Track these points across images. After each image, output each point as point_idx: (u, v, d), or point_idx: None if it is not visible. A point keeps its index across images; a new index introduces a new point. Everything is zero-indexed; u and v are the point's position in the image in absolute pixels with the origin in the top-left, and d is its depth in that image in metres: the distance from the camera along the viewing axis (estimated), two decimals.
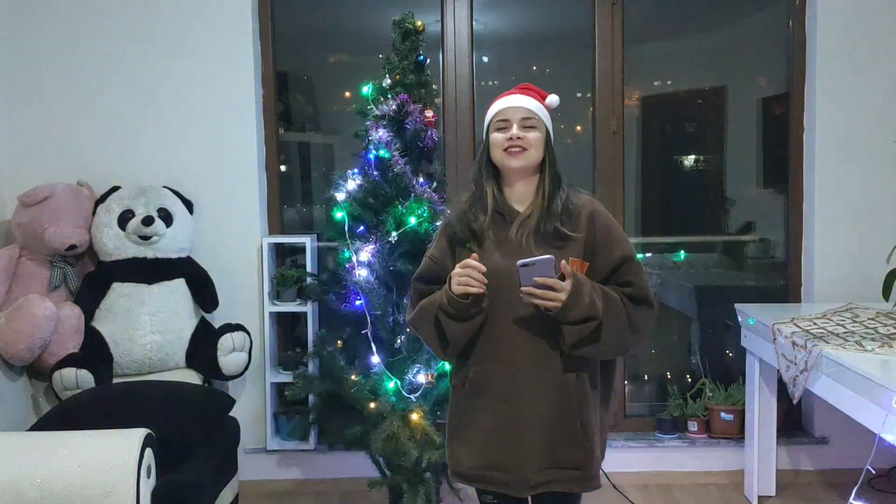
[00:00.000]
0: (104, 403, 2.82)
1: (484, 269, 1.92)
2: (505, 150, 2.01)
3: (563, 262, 1.91)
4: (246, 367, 3.45)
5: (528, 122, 2.02)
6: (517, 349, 1.99)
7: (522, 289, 1.88)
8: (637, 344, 2.03)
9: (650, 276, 4.55)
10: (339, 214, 3.14)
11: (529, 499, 2.13)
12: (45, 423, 2.77)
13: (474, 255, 1.97)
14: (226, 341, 3.35)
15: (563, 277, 1.90)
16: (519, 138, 2.00)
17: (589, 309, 1.90)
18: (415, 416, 2.98)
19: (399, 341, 3.04)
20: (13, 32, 3.59)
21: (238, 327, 3.42)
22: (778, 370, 3.08)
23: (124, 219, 3.37)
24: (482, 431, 2.03)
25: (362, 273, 3.07)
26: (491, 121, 2.07)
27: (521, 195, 2.07)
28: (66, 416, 2.76)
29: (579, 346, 1.94)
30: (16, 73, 3.60)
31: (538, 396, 1.98)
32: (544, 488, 2.02)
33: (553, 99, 2.10)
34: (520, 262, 1.87)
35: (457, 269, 1.94)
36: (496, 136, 2.04)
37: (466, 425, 2.06)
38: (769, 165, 4.33)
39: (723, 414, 3.79)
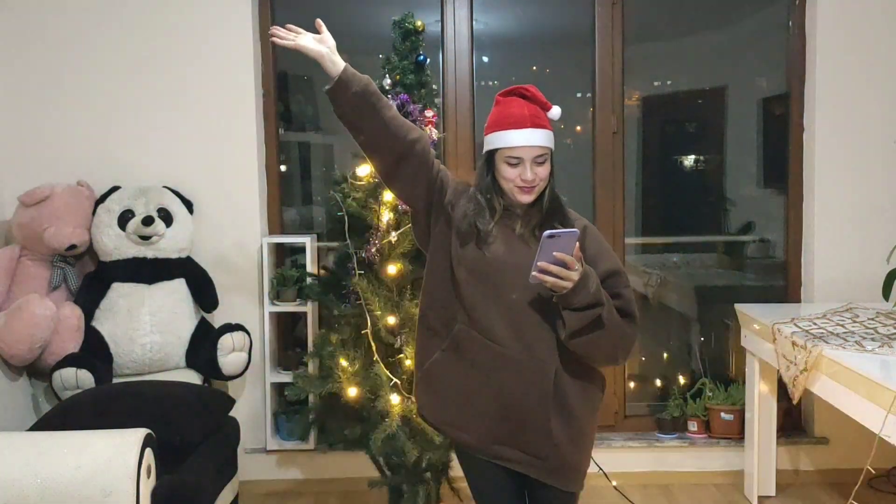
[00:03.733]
0: (104, 403, 2.82)
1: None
2: (518, 187, 2.02)
3: (578, 243, 1.91)
4: (246, 367, 3.45)
5: (540, 158, 2.02)
6: (507, 332, 2.00)
7: (538, 264, 1.87)
8: (623, 356, 2.06)
9: (650, 275, 4.55)
10: (339, 214, 3.15)
11: (527, 497, 2.17)
12: (45, 423, 2.77)
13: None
14: (226, 341, 3.35)
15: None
16: (532, 178, 2.00)
17: (595, 296, 1.92)
18: (415, 416, 2.98)
19: (399, 341, 3.04)
20: (13, 33, 3.59)
21: (238, 327, 3.42)
22: (778, 370, 3.08)
23: (124, 219, 3.37)
24: (449, 388, 2.08)
25: (362, 273, 3.07)
26: (499, 149, 2.03)
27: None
28: (66, 416, 2.76)
29: (578, 336, 1.95)
30: (16, 73, 3.60)
31: (513, 378, 2.01)
32: (505, 464, 2.07)
33: (556, 112, 2.09)
34: (548, 231, 1.86)
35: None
36: (507, 171, 2.02)
37: (436, 376, 2.10)
38: (769, 165, 4.32)
39: (723, 414, 3.79)
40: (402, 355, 3.05)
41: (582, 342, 1.96)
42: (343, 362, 3.10)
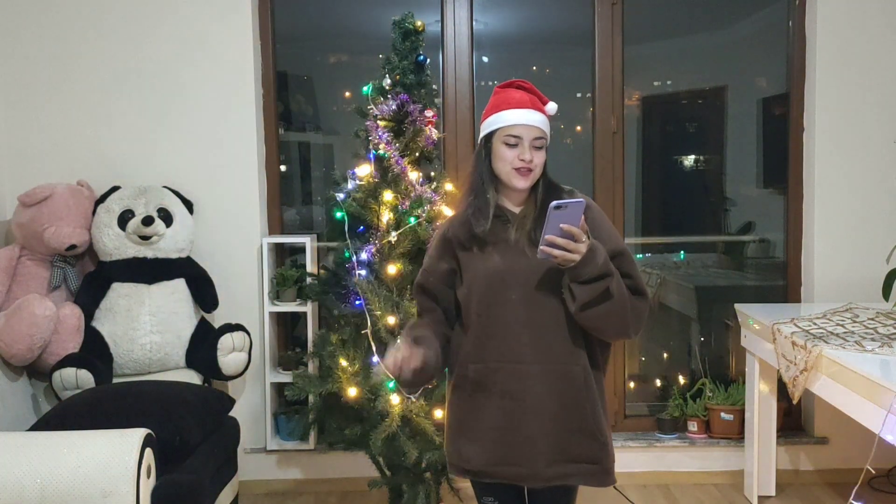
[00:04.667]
0: (104, 403, 2.82)
1: (411, 364, 1.96)
2: (515, 169, 2.00)
3: (583, 217, 1.90)
4: (246, 367, 3.45)
5: (538, 141, 2.01)
6: (520, 345, 1.99)
7: (546, 237, 1.86)
8: (635, 330, 2.02)
9: (650, 275, 4.55)
10: (339, 214, 3.15)
11: (526, 497, 2.14)
12: (45, 423, 2.76)
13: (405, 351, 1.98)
14: (226, 341, 3.35)
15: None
16: (531, 161, 1.99)
17: (603, 267, 1.90)
18: (415, 416, 2.98)
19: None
20: (13, 32, 3.59)
21: (238, 327, 3.42)
22: (778, 370, 3.08)
23: (124, 219, 3.37)
24: (489, 428, 2.02)
25: (362, 273, 3.07)
26: (497, 130, 2.02)
27: (517, 198, 2.07)
28: (66, 416, 2.76)
29: (588, 308, 1.92)
30: (16, 73, 3.60)
31: (544, 390, 1.99)
32: (559, 481, 2.03)
33: (552, 106, 2.08)
34: (555, 202, 1.84)
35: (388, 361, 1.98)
36: (504, 152, 2.00)
37: (472, 423, 2.05)
38: (769, 165, 4.33)
39: (723, 414, 3.79)
40: None
41: (592, 314, 1.94)
42: (343, 362, 3.10)
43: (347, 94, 4.46)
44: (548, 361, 1.99)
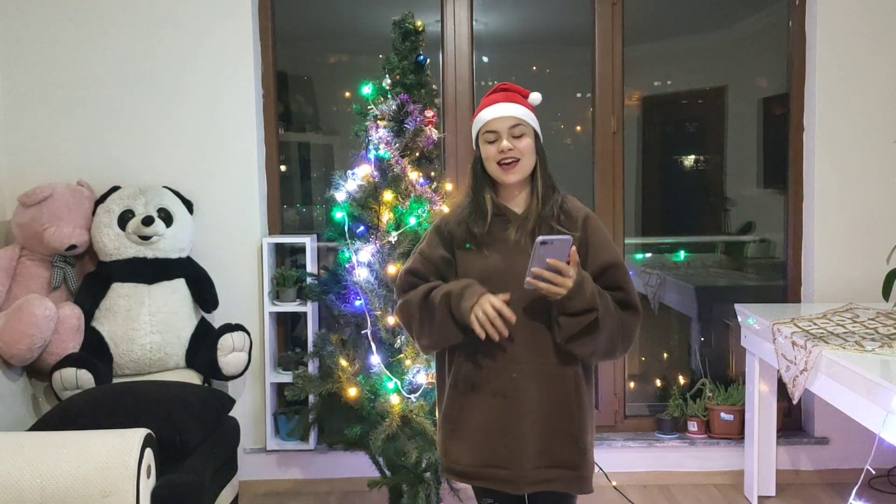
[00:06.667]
0: (104, 403, 2.82)
1: (513, 319, 1.91)
2: (498, 163, 2.02)
3: (574, 248, 1.91)
4: (246, 368, 3.45)
5: (517, 129, 2.02)
6: (514, 345, 1.99)
7: (532, 270, 1.87)
8: (624, 349, 2.04)
9: (650, 275, 4.55)
10: (339, 214, 3.15)
11: (526, 499, 2.14)
12: (45, 423, 2.77)
13: (506, 301, 1.93)
14: (226, 341, 3.35)
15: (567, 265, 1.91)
16: (510, 149, 2.00)
17: (590, 301, 1.91)
18: (415, 416, 2.98)
19: (399, 341, 3.04)
20: (13, 32, 3.59)
21: (238, 327, 3.42)
22: (778, 370, 3.08)
23: (124, 219, 3.37)
24: (479, 428, 2.03)
25: (362, 273, 3.07)
26: (479, 132, 2.06)
27: (518, 197, 2.08)
28: (66, 416, 2.76)
29: (574, 340, 1.95)
30: (16, 73, 3.60)
31: (535, 391, 1.99)
32: (543, 487, 2.03)
33: (535, 96, 2.09)
34: (541, 238, 1.85)
35: (487, 308, 1.91)
36: (487, 150, 2.03)
37: (462, 423, 2.06)
38: (769, 165, 4.33)
39: (723, 414, 3.79)
40: (402, 355, 3.05)
41: (578, 345, 1.96)
42: (343, 362, 3.11)
43: (347, 94, 4.47)
44: (541, 362, 1.99)
